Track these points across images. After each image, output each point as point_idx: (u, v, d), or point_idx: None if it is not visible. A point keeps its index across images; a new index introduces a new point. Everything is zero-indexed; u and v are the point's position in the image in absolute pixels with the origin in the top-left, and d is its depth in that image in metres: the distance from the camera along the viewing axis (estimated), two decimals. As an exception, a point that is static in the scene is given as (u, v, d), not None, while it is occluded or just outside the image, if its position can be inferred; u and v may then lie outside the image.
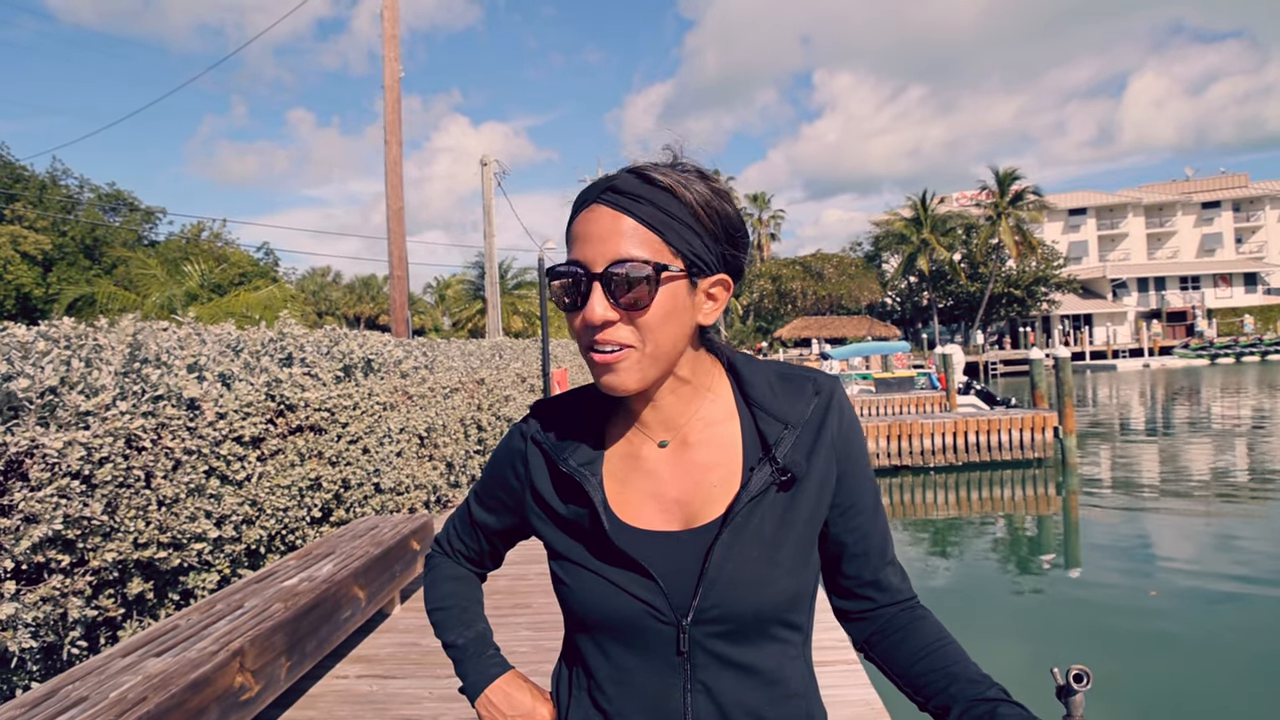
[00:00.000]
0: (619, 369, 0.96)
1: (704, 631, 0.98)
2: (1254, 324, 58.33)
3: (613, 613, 1.00)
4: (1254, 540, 11.28)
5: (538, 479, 1.10)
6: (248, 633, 3.45)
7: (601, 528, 1.00)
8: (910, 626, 1.08)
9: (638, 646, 1.00)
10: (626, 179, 0.96)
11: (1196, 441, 20.59)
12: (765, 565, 0.99)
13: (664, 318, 0.95)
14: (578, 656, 1.08)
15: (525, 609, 5.19)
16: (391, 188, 10.76)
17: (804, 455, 1.01)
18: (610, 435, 1.09)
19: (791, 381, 1.06)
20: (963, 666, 1.02)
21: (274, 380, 5.25)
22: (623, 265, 0.92)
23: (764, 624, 0.99)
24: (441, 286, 46.35)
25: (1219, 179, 74.70)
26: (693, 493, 1.02)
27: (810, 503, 1.02)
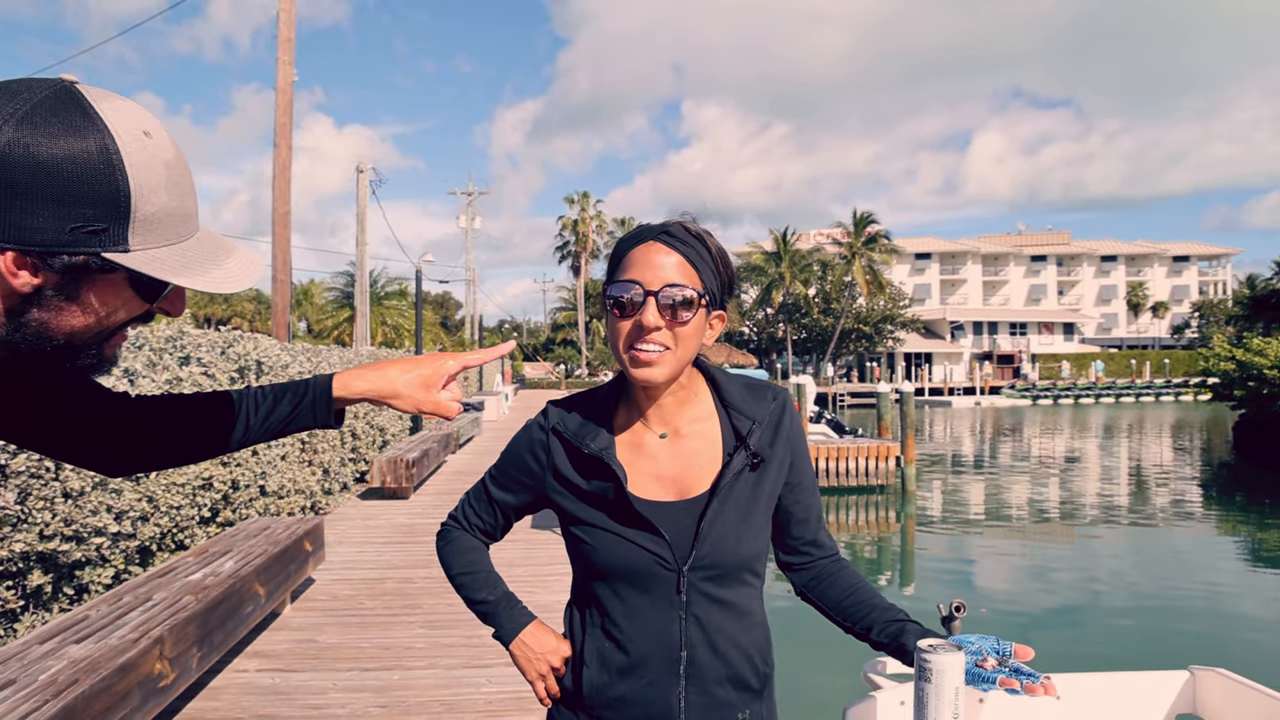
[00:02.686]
0: (657, 365, 1.27)
1: (697, 576, 1.31)
2: (1070, 370, 63.73)
3: (629, 563, 1.32)
4: (1065, 563, 12.66)
5: (559, 462, 1.40)
6: (165, 622, 3.59)
7: (624, 497, 1.32)
8: (839, 574, 1.45)
9: (646, 588, 1.32)
10: (677, 227, 1.30)
11: (1018, 475, 22.50)
12: (742, 526, 1.33)
13: (693, 333, 1.29)
14: (591, 600, 1.38)
15: (417, 609, 5.40)
16: (279, 191, 10.65)
17: (768, 444, 1.37)
18: (618, 428, 1.40)
19: (755, 390, 1.42)
20: (878, 599, 1.40)
21: (175, 379, 5.30)
22: (674, 288, 1.25)
23: (739, 571, 1.34)
24: (299, 292, 44.85)
25: (1046, 235, 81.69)
26: (685, 472, 1.35)
27: (772, 480, 1.37)
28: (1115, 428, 37.97)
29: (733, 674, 1.35)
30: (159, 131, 0.80)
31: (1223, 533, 15.33)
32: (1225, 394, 30.85)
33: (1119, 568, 12.48)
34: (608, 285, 1.32)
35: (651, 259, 1.28)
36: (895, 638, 1.33)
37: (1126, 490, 20.17)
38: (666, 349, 1.27)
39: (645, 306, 1.25)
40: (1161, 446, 30.00)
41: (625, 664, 1.34)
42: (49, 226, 0.74)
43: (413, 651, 4.64)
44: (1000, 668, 1.22)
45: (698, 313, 1.29)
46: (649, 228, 1.32)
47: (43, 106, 0.74)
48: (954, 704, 1.15)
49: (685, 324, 1.27)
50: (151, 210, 0.78)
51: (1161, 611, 10.03)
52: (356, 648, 4.72)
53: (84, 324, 0.83)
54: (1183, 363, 63.64)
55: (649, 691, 1.33)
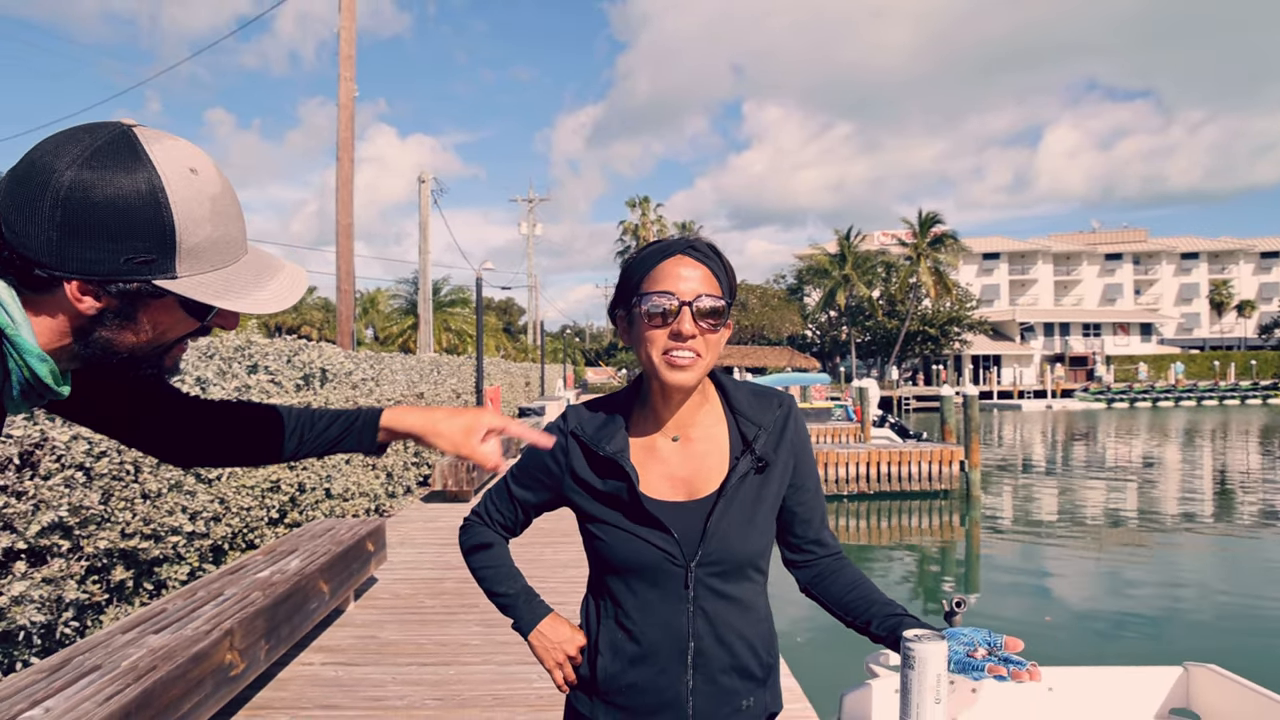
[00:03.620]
0: (691, 370, 1.36)
1: (704, 572, 1.40)
2: (1147, 372, 61.29)
3: (640, 558, 1.41)
4: (1140, 574, 12.14)
5: (576, 464, 1.48)
6: (235, 615, 3.81)
7: (636, 497, 1.41)
8: (840, 571, 1.52)
9: (656, 583, 1.41)
10: (700, 242, 1.42)
11: (1090, 481, 21.70)
12: (746, 526, 1.42)
13: (719, 341, 1.39)
14: (606, 593, 1.47)
15: (474, 608, 5.58)
16: (342, 203, 11.05)
17: (773, 448, 1.45)
18: (633, 431, 1.48)
19: (762, 396, 1.50)
20: (878, 595, 1.47)
21: (243, 386, 5.59)
22: (706, 298, 1.36)
23: (744, 567, 1.43)
24: (365, 300, 46.00)
25: (1121, 233, 78.60)
26: (695, 474, 1.44)
27: (776, 483, 1.45)
28: (1196, 432, 36.23)
29: (737, 664, 1.44)
30: (206, 167, 0.93)
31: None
32: None
33: (1200, 578, 11.95)
34: (640, 297, 1.39)
35: (683, 271, 1.37)
36: (892, 631, 1.39)
37: (1209, 497, 19.31)
38: (699, 355, 1.36)
39: (681, 316, 1.34)
40: (1247, 451, 28.51)
41: (637, 653, 1.44)
42: (106, 259, 0.87)
43: (469, 648, 4.82)
44: (990, 657, 1.29)
45: (723, 322, 1.39)
46: (675, 241, 1.42)
47: (101, 151, 0.86)
48: (935, 689, 1.23)
49: (715, 332, 1.38)
50: (196, 241, 0.91)
51: (1249, 622, 9.66)
52: (415, 644, 4.92)
53: (142, 340, 0.97)
54: (1271, 364, 60.94)
55: (659, 679, 1.43)
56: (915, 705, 1.24)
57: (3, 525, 3.61)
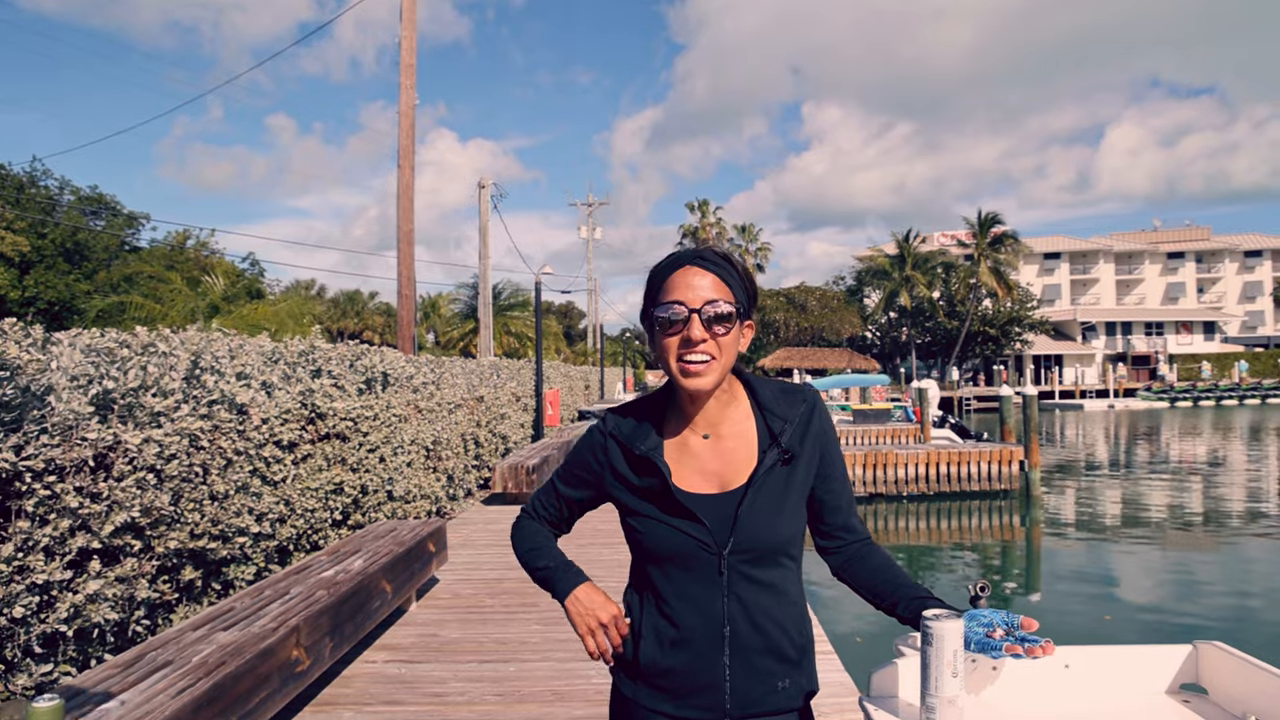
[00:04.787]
0: (706, 373, 1.46)
1: (736, 559, 1.48)
2: (1211, 370, 59.77)
3: (677, 548, 1.50)
4: (1204, 576, 11.88)
5: (615, 462, 1.60)
6: (301, 613, 3.89)
7: (669, 490, 1.50)
8: (869, 556, 1.60)
9: (692, 570, 1.50)
10: (708, 250, 1.52)
11: (1154, 480, 21.31)
12: (775, 514, 1.50)
13: (732, 342, 1.48)
14: (647, 582, 1.56)
15: (533, 608, 5.61)
16: (403, 211, 11.25)
17: (799, 441, 1.54)
18: (667, 431, 1.59)
19: (788, 393, 1.60)
20: (906, 578, 1.55)
21: (307, 390, 5.70)
22: (714, 304, 1.45)
23: (774, 554, 1.51)
24: (426, 304, 46.69)
25: (1184, 231, 76.88)
26: (725, 468, 1.53)
27: (802, 474, 1.54)
28: (1262, 430, 35.48)
29: (772, 646, 1.51)
30: None
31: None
32: None
33: (1267, 578, 11.69)
34: (653, 308, 1.51)
35: (690, 281, 1.47)
36: (918, 612, 1.45)
37: (1275, 496, 18.87)
38: (712, 359, 1.46)
39: (690, 323, 1.44)
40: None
41: (676, 637, 1.51)
42: None
43: (528, 646, 4.85)
44: (1007, 637, 1.36)
45: (734, 324, 1.48)
46: (684, 253, 1.53)
47: None
48: (953, 664, 1.31)
49: (725, 335, 1.47)
50: None
51: None
52: (476, 642, 4.96)
53: None
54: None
55: (698, 663, 1.50)
56: (934, 679, 1.33)
57: (79, 525, 3.73)
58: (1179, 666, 1.70)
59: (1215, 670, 1.67)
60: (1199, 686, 1.69)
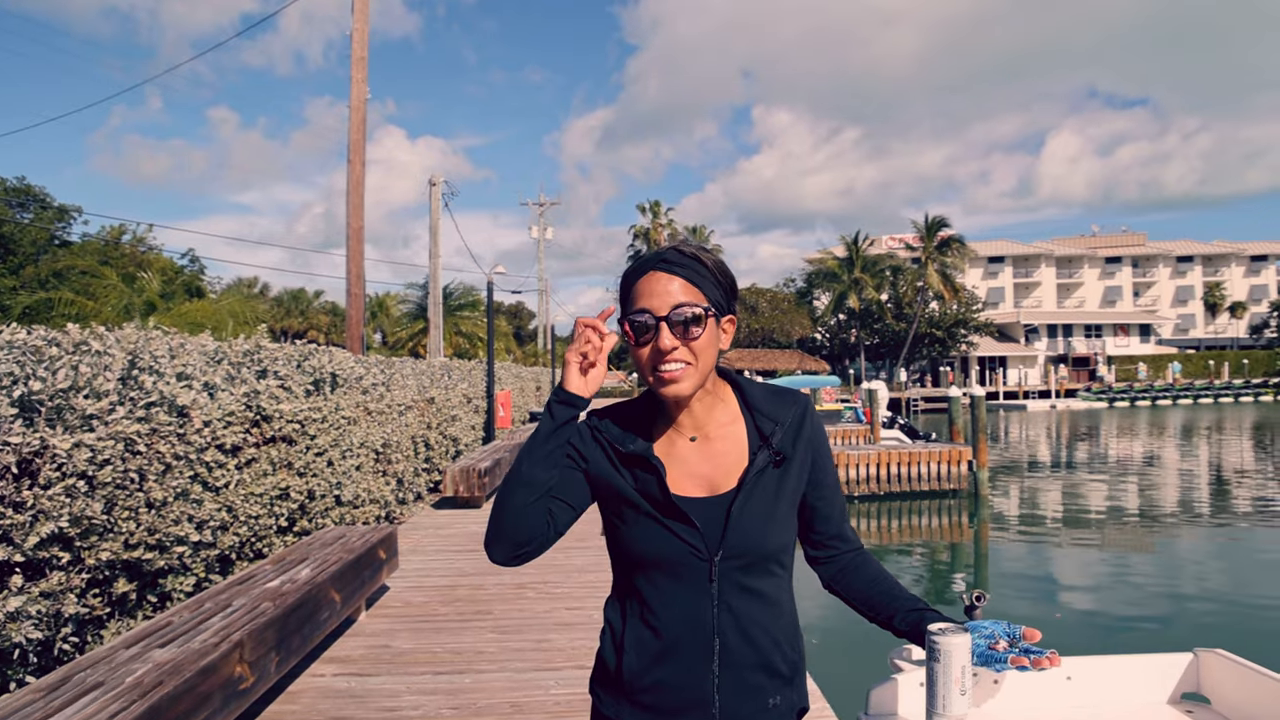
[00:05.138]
0: (682, 380, 1.38)
1: (728, 565, 1.39)
2: (1146, 371, 62.16)
3: (666, 553, 1.40)
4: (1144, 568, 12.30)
5: (598, 460, 1.48)
6: (244, 627, 3.68)
7: (665, 491, 1.41)
8: (862, 566, 1.53)
9: (681, 578, 1.40)
10: (671, 253, 1.42)
11: (1094, 478, 21.96)
12: (767, 519, 1.42)
13: (707, 344, 1.39)
14: (630, 590, 1.46)
15: (488, 615, 5.45)
16: (353, 207, 10.93)
17: (790, 443, 1.46)
18: (654, 434, 1.50)
19: (778, 395, 1.52)
20: (900, 590, 1.49)
21: (252, 391, 5.46)
22: (680, 309, 1.36)
23: (766, 561, 1.42)
24: (374, 304, 45.91)
25: (1120, 236, 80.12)
26: (715, 471, 1.45)
27: (794, 478, 1.46)
28: (1193, 429, 37.10)
29: (763, 660, 1.42)
30: None
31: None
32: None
33: (1199, 571, 12.20)
34: (621, 320, 1.43)
35: (656, 287, 1.39)
36: (915, 625, 1.41)
37: (1206, 492, 19.65)
38: (687, 364, 1.38)
39: (659, 331, 1.36)
40: (1241, 447, 29.31)
41: (661, 649, 1.41)
42: None
43: (484, 655, 4.68)
44: (1011, 649, 1.31)
45: (707, 325, 1.39)
46: (648, 259, 1.43)
47: None
48: (961, 681, 1.25)
49: (698, 339, 1.38)
50: None
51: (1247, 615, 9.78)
52: (429, 652, 4.78)
53: None
54: (1262, 363, 61.89)
55: (685, 677, 1.40)
56: (941, 697, 1.27)
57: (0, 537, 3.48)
58: (1180, 675, 1.69)
59: (1217, 678, 1.65)
60: (1201, 696, 1.67)
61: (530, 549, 1.46)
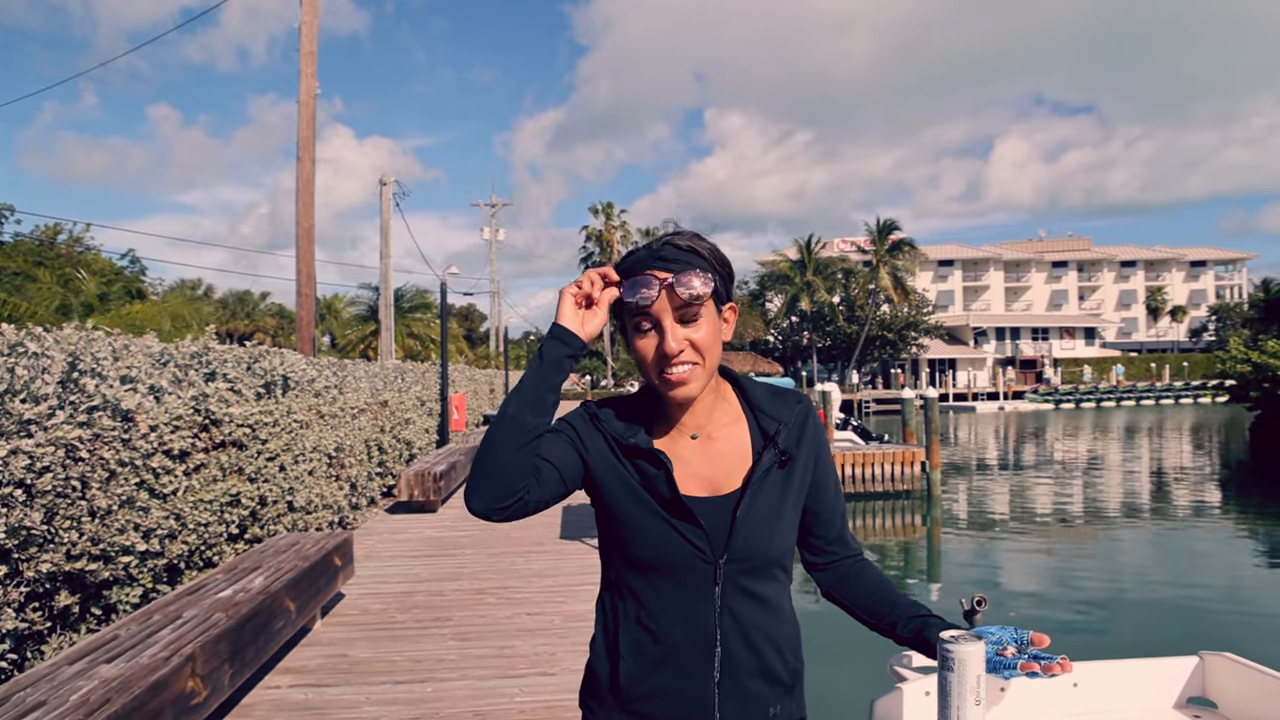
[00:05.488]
0: (691, 382, 1.33)
1: (733, 569, 1.34)
2: (1091, 374, 63.63)
3: (669, 555, 1.34)
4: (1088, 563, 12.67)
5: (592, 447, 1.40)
6: (196, 640, 3.53)
7: (675, 490, 1.34)
8: (863, 572, 1.49)
9: (683, 581, 1.34)
10: (667, 250, 1.34)
11: (1041, 477, 22.49)
12: (774, 519, 1.37)
13: (712, 340, 1.34)
14: (627, 592, 1.38)
15: (447, 622, 5.33)
16: (302, 205, 10.69)
17: (794, 443, 1.41)
18: (654, 431, 1.43)
19: (780, 394, 1.47)
20: (902, 596, 1.44)
21: (201, 395, 5.28)
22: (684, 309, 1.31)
23: (771, 565, 1.37)
24: (322, 306, 45.15)
25: (1066, 241, 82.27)
26: (717, 471, 1.39)
27: (799, 479, 1.42)
28: (1136, 430, 38.12)
29: (765, 668, 1.37)
30: None
31: (1241, 531, 15.35)
32: (1242, 395, 31.15)
33: (1141, 567, 12.54)
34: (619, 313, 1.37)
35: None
36: (919, 632, 1.36)
37: (1147, 491, 20.20)
38: (695, 365, 1.33)
39: (665, 334, 1.30)
40: (1181, 448, 30.32)
41: (660, 655, 1.35)
42: None
43: (445, 663, 4.57)
44: (1020, 654, 1.27)
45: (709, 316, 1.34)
46: (642, 258, 1.35)
47: None
48: (976, 691, 1.21)
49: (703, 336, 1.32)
50: None
51: (1183, 609, 10.04)
52: (388, 661, 4.66)
53: None
54: (1200, 365, 63.63)
55: (684, 684, 1.34)
56: (955, 708, 1.22)
57: (-64, 547, 3.30)
58: (1186, 679, 1.67)
59: (1223, 682, 1.63)
60: (1207, 700, 1.65)
61: (513, 504, 1.31)
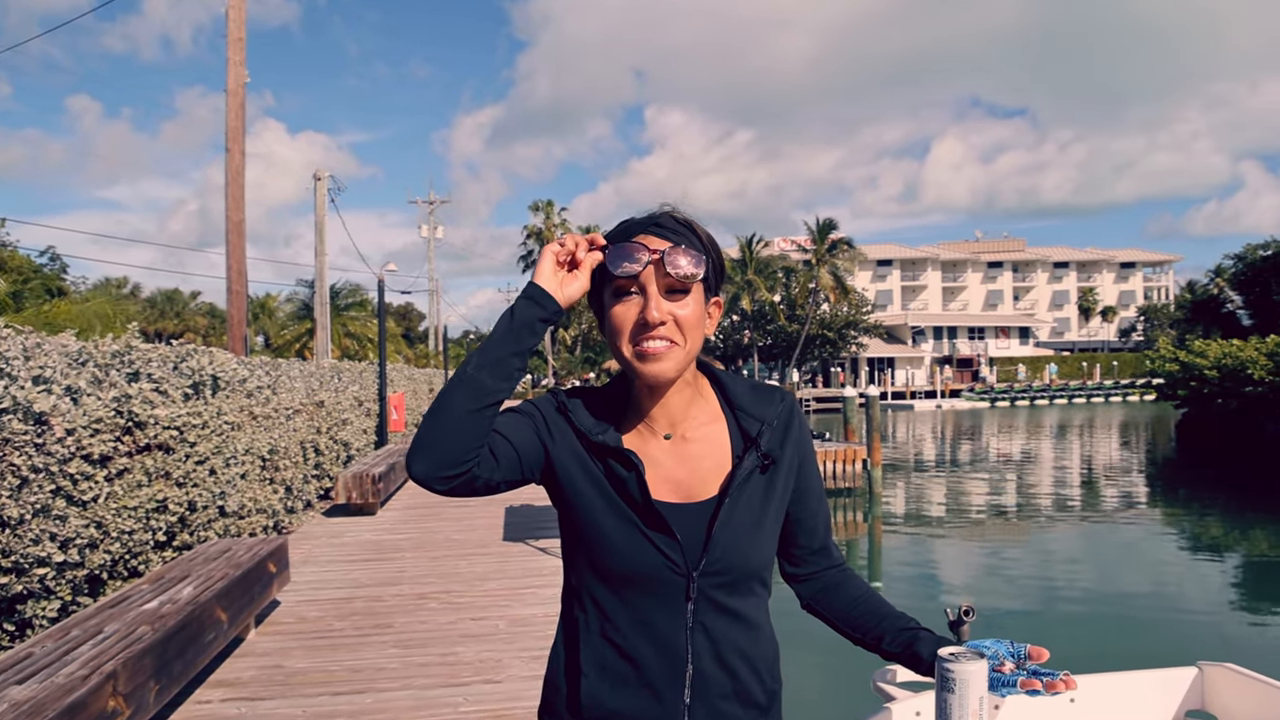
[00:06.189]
0: (665, 359, 1.21)
1: (708, 582, 1.23)
2: (1025, 372, 65.31)
3: (640, 566, 1.23)
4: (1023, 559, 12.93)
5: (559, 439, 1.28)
6: (118, 656, 3.33)
7: (647, 495, 1.23)
8: (846, 583, 1.40)
9: (655, 594, 1.23)
10: (665, 216, 1.25)
11: (978, 475, 22.91)
12: (754, 529, 1.26)
13: (696, 323, 1.23)
14: (592, 604, 1.27)
15: (388, 629, 5.16)
16: (232, 199, 10.31)
17: (778, 445, 1.30)
18: (624, 427, 1.32)
19: (762, 391, 1.35)
20: (887, 608, 1.36)
21: (123, 396, 5.02)
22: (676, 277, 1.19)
23: (749, 579, 1.27)
24: (256, 305, 44.03)
25: (1002, 242, 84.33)
26: (692, 476, 1.28)
27: (781, 484, 1.31)
28: (1068, 428, 39.08)
29: (740, 689, 1.27)
30: None
31: (1168, 525, 15.79)
32: (1169, 394, 32.27)
33: (1073, 561, 12.86)
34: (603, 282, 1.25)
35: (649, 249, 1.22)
36: (908, 646, 1.29)
37: (1078, 487, 20.69)
38: (673, 343, 1.22)
39: (649, 299, 1.20)
40: (1110, 445, 31.07)
41: (627, 673, 1.25)
42: None
43: (385, 673, 4.40)
44: (1019, 670, 1.20)
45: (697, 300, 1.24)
46: (638, 221, 1.27)
47: None
48: (979, 713, 1.14)
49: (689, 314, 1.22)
50: None
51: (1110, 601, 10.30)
52: (326, 671, 4.47)
53: None
54: (1130, 365, 65.70)
55: (651, 706, 1.24)
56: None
57: None
58: (1185, 691, 1.63)
59: (1222, 693, 1.59)
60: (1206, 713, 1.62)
61: (458, 475, 1.18)
